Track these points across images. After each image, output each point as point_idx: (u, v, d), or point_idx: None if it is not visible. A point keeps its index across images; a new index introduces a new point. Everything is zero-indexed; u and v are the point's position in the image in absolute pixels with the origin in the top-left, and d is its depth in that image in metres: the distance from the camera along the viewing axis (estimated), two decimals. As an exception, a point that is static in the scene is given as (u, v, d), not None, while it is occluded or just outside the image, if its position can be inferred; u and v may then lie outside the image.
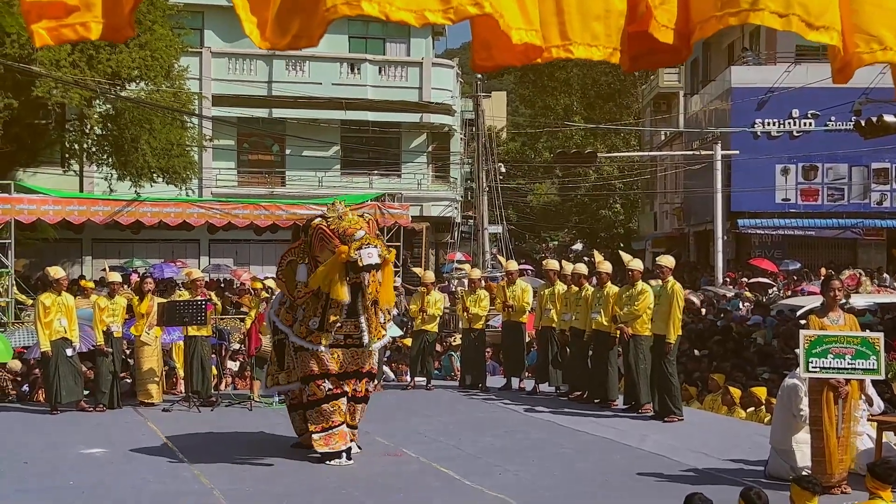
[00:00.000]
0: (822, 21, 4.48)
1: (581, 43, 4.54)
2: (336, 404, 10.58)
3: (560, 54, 4.54)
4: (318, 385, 10.57)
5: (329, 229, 10.44)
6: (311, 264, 10.56)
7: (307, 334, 10.54)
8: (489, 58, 4.62)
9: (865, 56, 4.74)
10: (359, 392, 10.85)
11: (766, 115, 37.23)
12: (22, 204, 21.86)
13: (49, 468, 10.45)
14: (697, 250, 44.62)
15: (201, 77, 36.37)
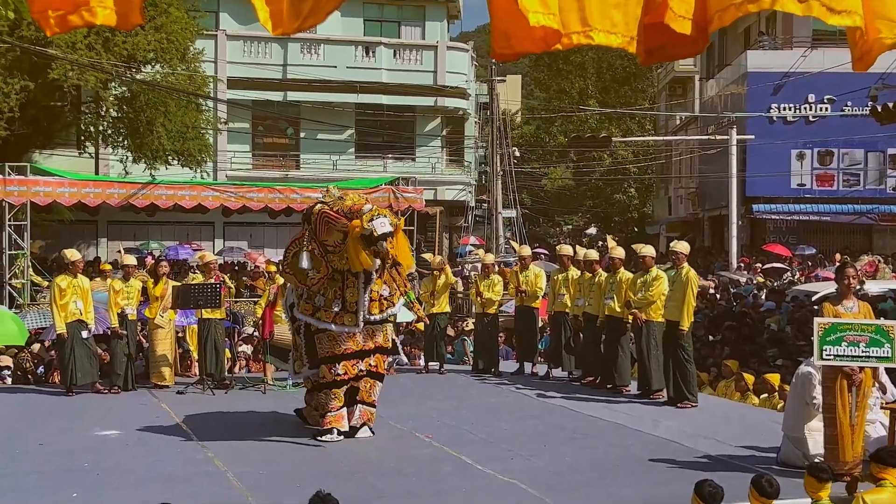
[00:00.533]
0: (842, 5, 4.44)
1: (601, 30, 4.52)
2: (336, 392, 10.82)
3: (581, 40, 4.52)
4: (329, 368, 10.75)
5: (333, 211, 10.48)
6: (319, 250, 10.59)
7: (333, 318, 10.67)
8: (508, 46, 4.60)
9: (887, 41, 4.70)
10: (374, 367, 10.99)
11: (781, 99, 37.07)
12: (38, 186, 21.92)
13: (65, 449, 10.52)
14: (712, 235, 44.51)
15: (216, 60, 36.39)
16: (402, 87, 38.92)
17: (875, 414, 9.45)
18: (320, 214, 10.55)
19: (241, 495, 8.44)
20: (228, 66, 37.30)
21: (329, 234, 10.51)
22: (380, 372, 11.13)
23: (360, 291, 10.66)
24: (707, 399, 13.45)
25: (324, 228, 10.52)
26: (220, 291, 14.40)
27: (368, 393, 11.03)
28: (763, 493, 7.06)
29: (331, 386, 10.84)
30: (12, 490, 8.73)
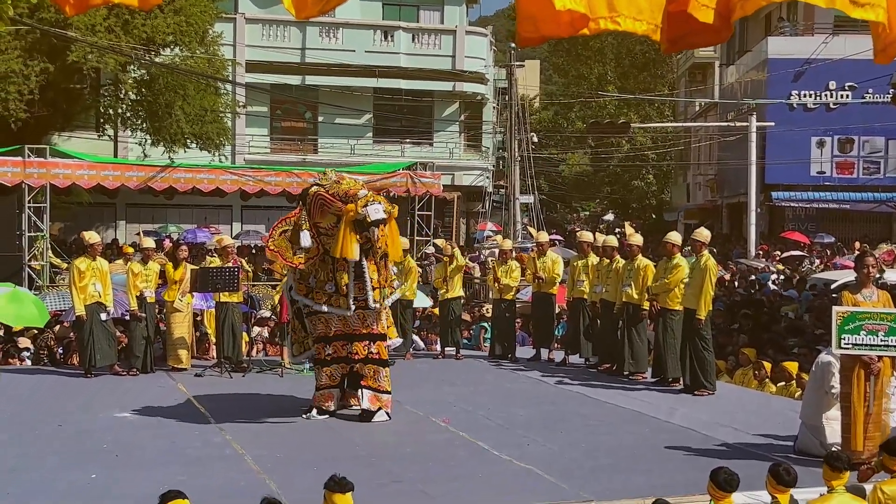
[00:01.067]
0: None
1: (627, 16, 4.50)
2: (328, 370, 11.07)
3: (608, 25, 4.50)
4: (322, 347, 11.07)
5: (329, 193, 10.50)
6: (312, 231, 10.67)
7: (326, 299, 10.79)
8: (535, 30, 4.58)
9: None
10: (374, 354, 11.05)
11: (802, 86, 36.86)
12: (57, 168, 22.02)
13: (84, 431, 10.59)
14: (730, 222, 44.35)
15: (235, 43, 36.43)
16: (420, 71, 38.88)
17: (894, 403, 9.42)
18: (315, 196, 10.58)
19: (259, 478, 8.48)
20: (247, 49, 37.34)
21: (323, 217, 10.58)
22: (382, 358, 11.15)
23: (351, 275, 10.70)
24: (724, 387, 13.42)
25: (318, 210, 10.58)
26: (238, 275, 14.44)
27: (373, 378, 11.07)
28: (780, 482, 7.05)
29: (321, 364, 11.15)
30: (33, 470, 8.80)
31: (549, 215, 59.96)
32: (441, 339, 16.62)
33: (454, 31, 39.98)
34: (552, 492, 8.11)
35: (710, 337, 12.93)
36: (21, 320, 15.59)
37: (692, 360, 12.75)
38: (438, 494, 7.92)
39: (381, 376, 11.12)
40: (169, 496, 6.18)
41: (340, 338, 11.02)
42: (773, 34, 38.92)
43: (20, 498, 7.86)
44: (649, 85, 58.32)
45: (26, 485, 8.30)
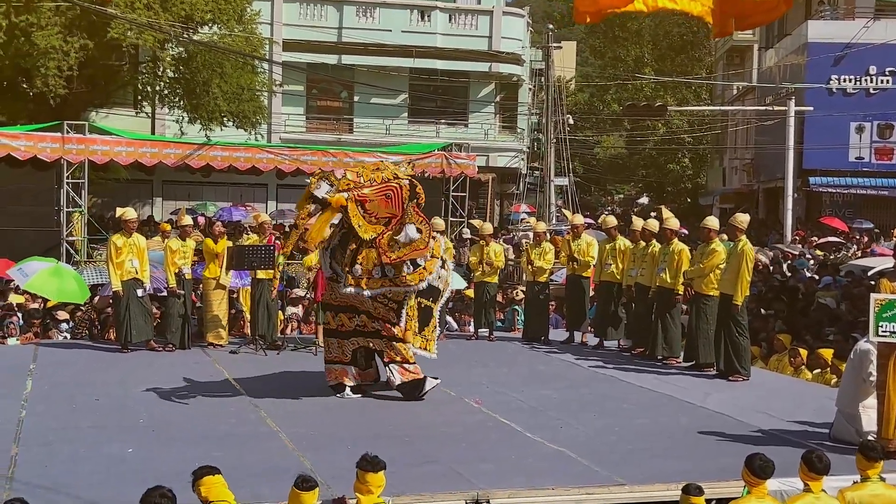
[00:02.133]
0: None
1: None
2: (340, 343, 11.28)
3: (666, 4, 4.47)
4: (332, 316, 11.37)
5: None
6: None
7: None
8: (592, 3, 4.56)
9: None
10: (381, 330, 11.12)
11: (842, 71, 36.45)
12: (96, 145, 22.19)
13: (120, 405, 10.70)
14: (766, 207, 44.02)
15: (272, 22, 36.50)
16: (456, 51, 38.82)
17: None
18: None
19: (293, 455, 8.55)
20: (284, 28, 37.41)
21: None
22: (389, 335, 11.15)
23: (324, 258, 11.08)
24: (759, 373, 13.35)
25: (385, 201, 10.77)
26: (274, 252, 14.50)
27: (393, 351, 11.14)
28: (813, 469, 7.03)
29: (330, 335, 11.32)
30: (70, 443, 8.91)
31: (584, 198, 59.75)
32: (474, 320, 16.63)
33: (491, 11, 39.84)
34: (585, 475, 8.12)
35: (746, 323, 12.85)
36: (62, 295, 15.73)
37: (727, 345, 12.69)
38: (471, 475, 7.94)
39: (398, 348, 11.13)
40: (203, 472, 6.25)
41: (347, 309, 11.10)
42: (813, 17, 38.49)
43: (57, 472, 7.96)
44: (686, 68, 57.88)
45: (63, 459, 8.40)
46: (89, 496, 7.25)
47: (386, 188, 10.68)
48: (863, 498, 7.11)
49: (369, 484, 6.50)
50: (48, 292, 15.81)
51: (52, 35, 24.51)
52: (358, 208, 10.53)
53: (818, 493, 7.01)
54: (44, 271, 15.63)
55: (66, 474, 7.85)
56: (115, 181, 28.02)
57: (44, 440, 9.01)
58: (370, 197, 10.58)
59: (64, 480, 7.63)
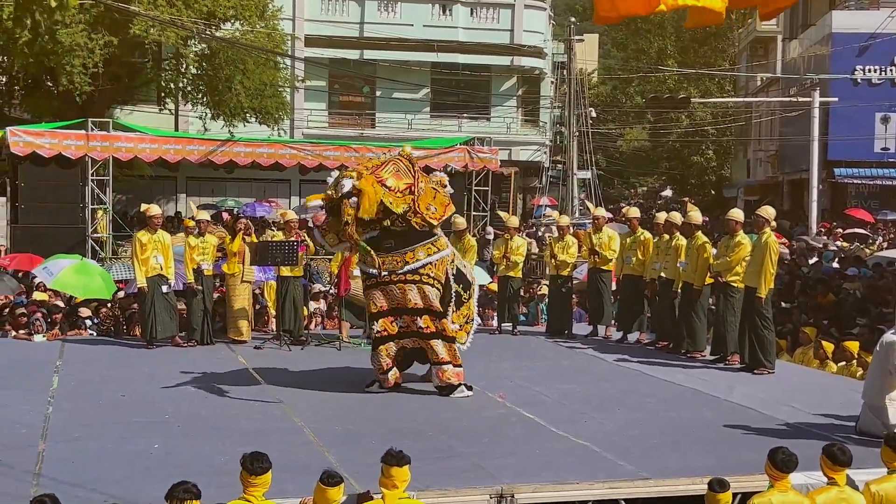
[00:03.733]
0: None
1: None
2: (383, 349, 11.12)
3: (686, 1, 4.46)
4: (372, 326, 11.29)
5: None
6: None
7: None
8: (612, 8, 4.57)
9: None
10: (423, 328, 11.05)
11: (867, 61, 36.20)
12: (120, 142, 22.34)
13: (146, 401, 10.75)
14: (791, 199, 43.77)
15: (294, 18, 36.58)
16: (478, 45, 38.77)
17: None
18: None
19: (318, 451, 8.57)
20: (306, 24, 37.47)
21: None
22: (432, 331, 11.13)
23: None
24: (784, 366, 13.29)
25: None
26: (298, 249, 14.54)
27: (432, 352, 11.13)
28: (836, 462, 7.00)
29: (375, 344, 11.21)
30: (96, 439, 8.96)
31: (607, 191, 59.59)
32: (498, 314, 16.61)
33: (512, 4, 39.74)
34: (610, 469, 8.11)
35: (771, 315, 12.79)
36: (88, 291, 15.83)
37: (751, 338, 12.63)
38: (495, 469, 7.95)
39: (438, 349, 11.13)
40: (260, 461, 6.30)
41: (386, 313, 11.05)
42: (837, 7, 38.23)
43: (83, 467, 8.01)
44: (710, 59, 57.62)
45: (89, 454, 8.45)
46: (115, 492, 7.29)
47: (392, 164, 10.90)
48: (888, 490, 7.08)
49: (394, 478, 6.52)
50: (74, 289, 15.92)
51: (76, 33, 24.68)
52: (382, 188, 10.62)
53: (842, 485, 6.99)
54: (69, 268, 15.73)
55: (93, 470, 7.90)
56: (140, 178, 28.18)
57: (70, 436, 9.06)
58: (384, 176, 10.73)
59: (90, 476, 7.68)
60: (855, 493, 7.02)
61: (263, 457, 6.34)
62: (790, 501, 6.77)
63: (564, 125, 42.58)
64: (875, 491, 7.07)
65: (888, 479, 7.19)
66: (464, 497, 7.39)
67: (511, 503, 7.37)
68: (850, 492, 7.00)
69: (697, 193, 60.80)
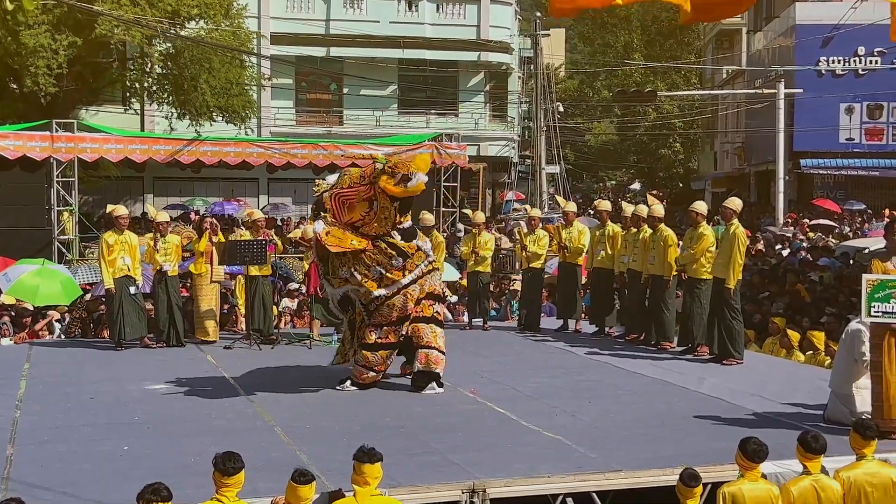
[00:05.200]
0: None
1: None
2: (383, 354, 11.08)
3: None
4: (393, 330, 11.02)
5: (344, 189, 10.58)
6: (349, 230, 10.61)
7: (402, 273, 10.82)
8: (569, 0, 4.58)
9: None
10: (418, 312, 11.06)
11: (831, 52, 36.51)
12: (85, 142, 22.16)
13: (115, 403, 10.68)
14: (758, 190, 44.10)
15: (260, 15, 36.45)
16: (445, 41, 38.77)
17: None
18: (335, 198, 10.48)
19: (290, 449, 8.55)
20: (272, 21, 37.32)
21: (352, 210, 10.48)
22: (426, 316, 11.12)
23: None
24: (753, 356, 13.38)
25: (345, 209, 10.46)
26: (266, 248, 14.48)
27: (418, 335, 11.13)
28: (809, 449, 7.07)
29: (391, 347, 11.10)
30: (65, 442, 8.90)
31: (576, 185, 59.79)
32: (468, 310, 16.63)
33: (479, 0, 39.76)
34: (581, 461, 8.13)
35: (739, 306, 12.88)
36: (43, 298, 15.68)
37: (720, 329, 12.72)
38: (468, 464, 7.95)
39: (427, 333, 11.12)
40: None
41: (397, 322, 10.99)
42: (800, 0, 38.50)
43: (52, 470, 7.95)
44: (676, 53, 57.90)
45: (59, 458, 8.39)
46: (86, 494, 7.25)
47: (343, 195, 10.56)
48: (858, 477, 7.15)
49: (366, 475, 6.51)
50: (27, 296, 15.77)
51: (40, 34, 24.48)
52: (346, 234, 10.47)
53: (816, 473, 7.05)
54: (27, 274, 15.63)
55: (63, 473, 7.84)
56: (106, 179, 27.98)
57: (39, 439, 8.99)
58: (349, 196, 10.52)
59: (60, 479, 7.62)
60: (830, 481, 7.07)
61: (236, 456, 6.31)
62: (760, 490, 6.83)
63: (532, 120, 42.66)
64: (845, 478, 7.14)
65: (857, 465, 7.26)
66: (436, 492, 7.39)
67: (483, 498, 7.38)
68: (824, 480, 7.06)
69: (666, 186, 61.15)
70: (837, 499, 7.02)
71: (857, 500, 7.10)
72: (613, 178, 76.51)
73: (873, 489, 7.13)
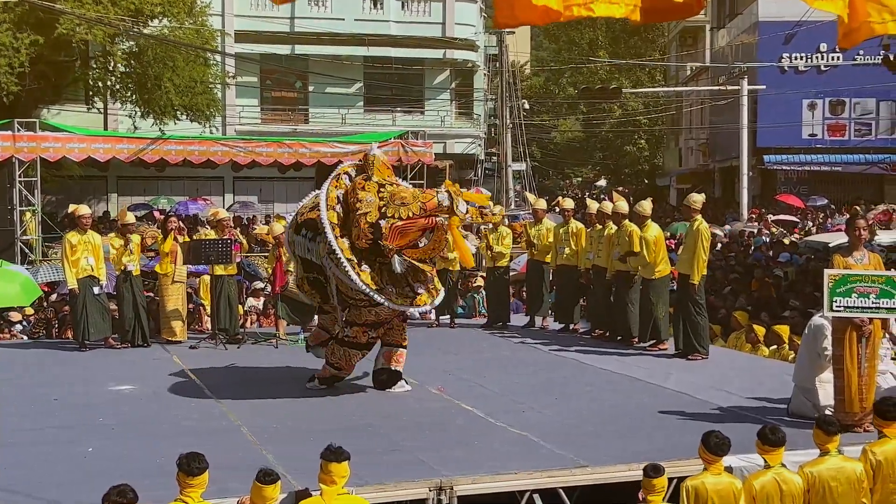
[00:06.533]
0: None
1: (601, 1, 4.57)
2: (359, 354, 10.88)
3: (581, 13, 4.57)
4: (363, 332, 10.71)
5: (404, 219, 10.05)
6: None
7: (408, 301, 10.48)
8: (512, 17, 4.65)
9: (876, 27, 4.76)
10: None
11: (793, 49, 36.77)
12: (47, 142, 21.95)
13: (80, 404, 10.60)
14: (723, 186, 44.39)
15: (223, 13, 36.25)
16: (410, 39, 38.71)
17: (886, 365, 9.48)
18: (392, 229, 9.92)
19: (256, 449, 8.53)
20: (236, 19, 37.13)
21: (405, 237, 10.06)
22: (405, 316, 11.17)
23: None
24: (717, 351, 13.48)
25: (398, 237, 9.96)
26: (232, 248, 14.41)
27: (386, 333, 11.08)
28: (767, 442, 7.14)
29: (359, 348, 10.85)
30: (30, 444, 8.82)
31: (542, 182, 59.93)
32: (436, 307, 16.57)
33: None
34: (548, 458, 8.16)
35: (704, 302, 12.97)
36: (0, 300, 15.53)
37: (685, 324, 12.79)
38: (435, 462, 7.96)
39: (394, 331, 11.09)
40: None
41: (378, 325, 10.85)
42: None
43: (18, 473, 7.87)
44: (640, 50, 58.15)
45: (24, 460, 8.32)
46: (53, 496, 7.19)
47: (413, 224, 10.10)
48: (822, 472, 7.22)
49: (333, 474, 6.50)
50: None
51: (1, 32, 24.22)
52: None
53: (777, 466, 7.11)
54: (-19, 277, 15.43)
55: (29, 475, 7.77)
56: (69, 178, 27.74)
57: (4, 442, 8.89)
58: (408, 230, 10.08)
59: (27, 482, 7.55)
60: (792, 475, 7.14)
61: (200, 457, 6.28)
62: (723, 484, 6.89)
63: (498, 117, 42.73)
64: (809, 473, 7.21)
65: (821, 461, 7.34)
66: (403, 490, 7.39)
67: (450, 495, 7.39)
68: (786, 473, 7.13)
69: (631, 183, 61.41)
70: (799, 492, 7.09)
71: (821, 495, 7.17)
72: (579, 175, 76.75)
73: (837, 483, 7.21)
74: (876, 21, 4.61)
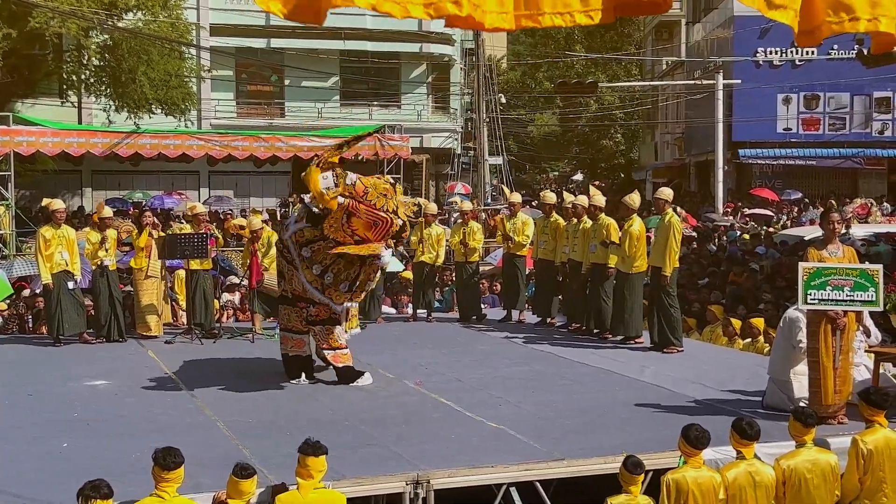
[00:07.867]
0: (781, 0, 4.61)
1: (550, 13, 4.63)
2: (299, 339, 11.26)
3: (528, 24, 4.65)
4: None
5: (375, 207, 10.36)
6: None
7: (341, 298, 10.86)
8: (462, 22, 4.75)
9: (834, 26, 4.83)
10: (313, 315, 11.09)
11: (768, 43, 36.91)
12: (21, 136, 21.76)
13: (54, 400, 10.53)
14: (698, 180, 44.56)
15: (199, 7, 36.05)
16: (386, 33, 38.59)
17: (860, 357, 9.55)
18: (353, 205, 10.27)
19: (233, 444, 8.50)
20: (211, 12, 36.95)
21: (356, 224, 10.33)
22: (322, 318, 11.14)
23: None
24: (692, 344, 13.55)
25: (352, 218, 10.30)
26: (208, 242, 14.35)
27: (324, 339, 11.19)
28: (743, 436, 7.18)
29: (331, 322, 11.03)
30: (5, 441, 8.75)
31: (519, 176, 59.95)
32: (413, 301, 16.61)
33: (420, -9, 39.67)
34: (525, 451, 8.17)
35: (676, 294, 13.03)
36: None
37: (660, 317, 12.86)
38: (412, 456, 7.96)
39: (332, 334, 11.09)
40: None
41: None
42: (738, -9, 38.92)
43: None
44: (616, 44, 58.27)
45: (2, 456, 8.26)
46: (28, 493, 7.14)
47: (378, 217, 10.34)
48: (798, 465, 7.27)
49: (310, 468, 6.50)
50: None
51: (-27, 26, 24.04)
52: (343, 217, 10.28)
53: (751, 459, 7.17)
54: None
55: (4, 472, 7.71)
56: (43, 172, 27.55)
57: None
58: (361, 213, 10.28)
59: (2, 478, 7.50)
60: (764, 466, 7.20)
61: (175, 451, 6.27)
62: (704, 477, 6.93)
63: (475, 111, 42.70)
64: (785, 466, 7.26)
65: (797, 453, 7.38)
66: (379, 484, 7.39)
67: (427, 489, 7.39)
68: (758, 465, 7.19)
69: (608, 177, 61.55)
70: (771, 484, 7.15)
71: (796, 487, 7.23)
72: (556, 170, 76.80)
73: (812, 475, 7.26)
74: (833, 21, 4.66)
